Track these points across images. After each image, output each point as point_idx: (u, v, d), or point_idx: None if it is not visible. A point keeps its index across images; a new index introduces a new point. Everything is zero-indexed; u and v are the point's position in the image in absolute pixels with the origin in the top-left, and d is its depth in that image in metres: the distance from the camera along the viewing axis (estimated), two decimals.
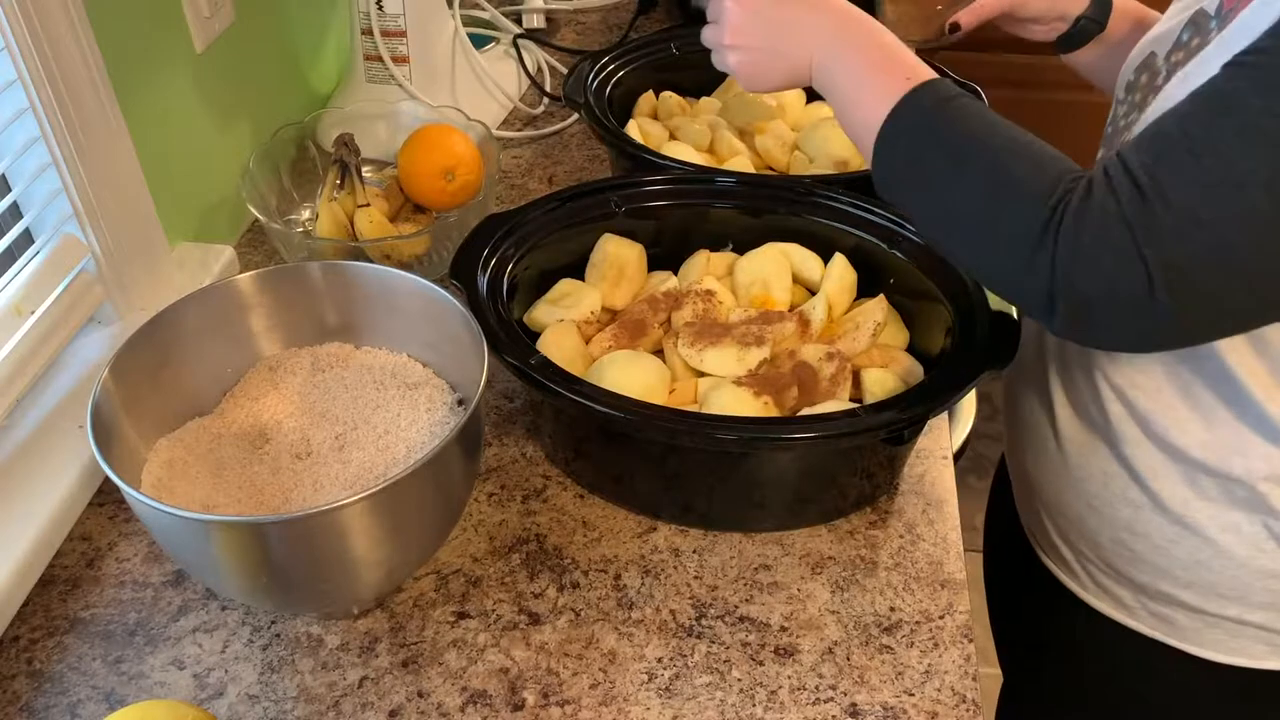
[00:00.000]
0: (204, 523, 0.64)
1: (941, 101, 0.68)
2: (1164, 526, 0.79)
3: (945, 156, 0.66)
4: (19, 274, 0.85)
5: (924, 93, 0.68)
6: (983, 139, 0.65)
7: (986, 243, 0.65)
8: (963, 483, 0.87)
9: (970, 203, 0.65)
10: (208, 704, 0.69)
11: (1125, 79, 0.81)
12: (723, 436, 0.72)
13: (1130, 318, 0.61)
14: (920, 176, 0.68)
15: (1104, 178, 0.61)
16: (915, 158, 0.68)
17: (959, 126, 0.67)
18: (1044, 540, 0.92)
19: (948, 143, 0.66)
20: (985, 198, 0.64)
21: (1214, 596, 0.80)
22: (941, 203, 0.67)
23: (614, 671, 0.71)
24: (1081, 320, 0.63)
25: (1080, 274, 0.60)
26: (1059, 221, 0.61)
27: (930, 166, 0.67)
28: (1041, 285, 0.62)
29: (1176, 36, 0.75)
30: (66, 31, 0.82)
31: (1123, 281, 0.59)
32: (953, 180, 0.66)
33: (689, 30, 1.23)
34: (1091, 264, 0.60)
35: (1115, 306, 0.60)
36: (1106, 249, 0.59)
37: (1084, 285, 0.60)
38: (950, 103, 0.68)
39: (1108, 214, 0.59)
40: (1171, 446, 0.77)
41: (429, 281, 0.78)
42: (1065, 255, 0.60)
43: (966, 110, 0.67)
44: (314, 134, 1.11)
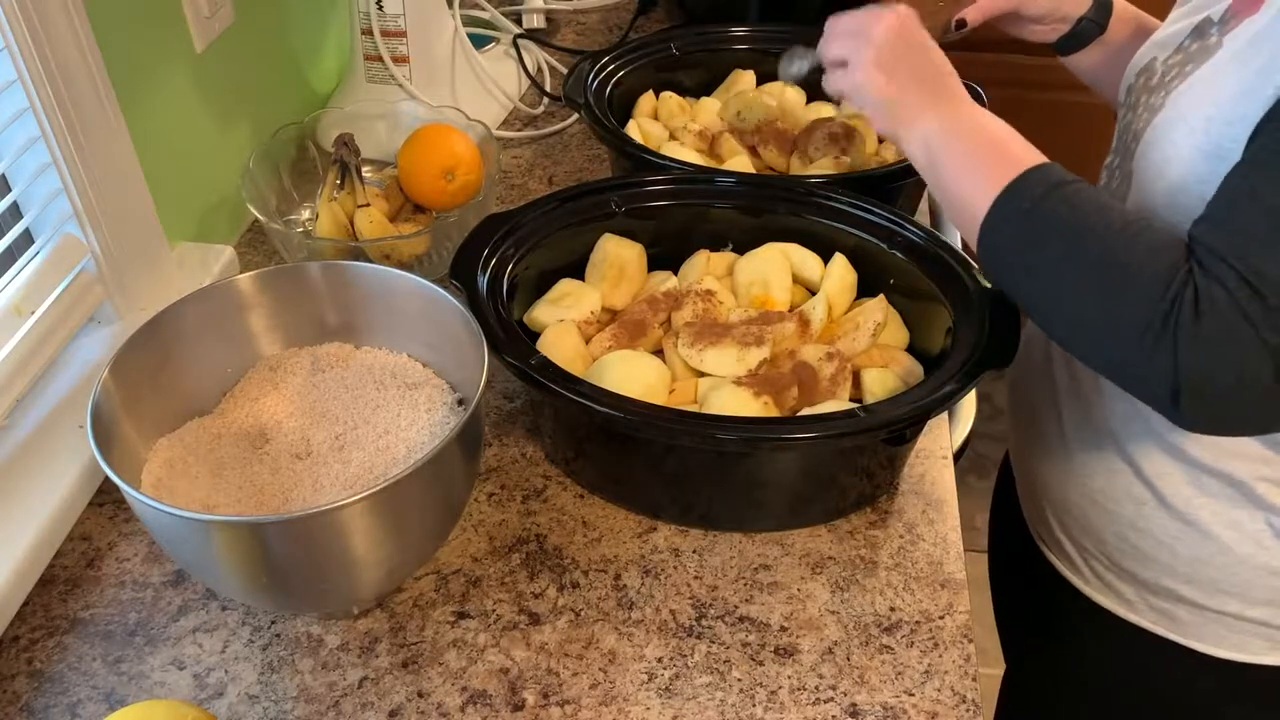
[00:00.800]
0: (204, 523, 0.64)
1: (1053, 186, 0.67)
2: (1167, 523, 0.79)
3: (1056, 243, 0.65)
4: (19, 274, 0.85)
5: (1036, 175, 0.67)
6: (1096, 224, 0.64)
7: (1103, 335, 0.64)
8: (963, 483, 0.87)
9: (1084, 294, 0.64)
10: (208, 704, 0.69)
11: (1126, 83, 0.82)
12: (723, 436, 0.72)
13: (1261, 404, 0.61)
14: (1031, 264, 0.67)
15: (1200, 269, 0.60)
16: (1025, 244, 0.67)
17: (1071, 210, 0.65)
18: (1048, 536, 0.93)
19: (1060, 229, 0.65)
20: (1100, 290, 0.63)
21: (1215, 592, 0.80)
22: (1056, 292, 0.66)
23: (614, 671, 0.71)
24: (1210, 411, 0.62)
25: (1205, 368, 0.60)
26: (1177, 315, 0.60)
27: (1042, 254, 0.66)
28: (1164, 379, 0.61)
29: (1179, 43, 0.75)
30: (66, 31, 0.82)
31: (1249, 371, 0.59)
32: (1066, 268, 0.65)
33: (689, 30, 1.23)
34: (1215, 358, 0.60)
35: (1245, 396, 0.60)
36: (1228, 341, 0.59)
37: (1212, 378, 0.60)
38: (1063, 187, 0.66)
39: (1219, 306, 0.59)
40: (1174, 447, 0.77)
41: (429, 281, 0.78)
42: (1186, 350, 0.60)
43: (1079, 195, 0.66)
44: (314, 134, 1.11)
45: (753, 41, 1.22)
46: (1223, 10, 0.71)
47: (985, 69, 1.53)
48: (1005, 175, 0.68)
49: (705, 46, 1.21)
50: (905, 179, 1.02)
